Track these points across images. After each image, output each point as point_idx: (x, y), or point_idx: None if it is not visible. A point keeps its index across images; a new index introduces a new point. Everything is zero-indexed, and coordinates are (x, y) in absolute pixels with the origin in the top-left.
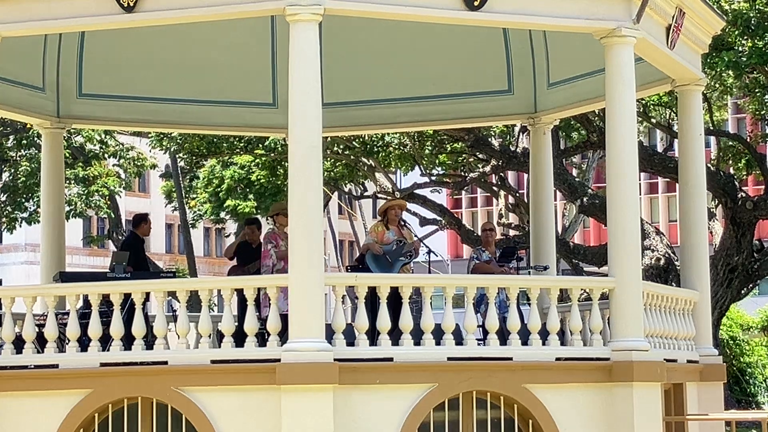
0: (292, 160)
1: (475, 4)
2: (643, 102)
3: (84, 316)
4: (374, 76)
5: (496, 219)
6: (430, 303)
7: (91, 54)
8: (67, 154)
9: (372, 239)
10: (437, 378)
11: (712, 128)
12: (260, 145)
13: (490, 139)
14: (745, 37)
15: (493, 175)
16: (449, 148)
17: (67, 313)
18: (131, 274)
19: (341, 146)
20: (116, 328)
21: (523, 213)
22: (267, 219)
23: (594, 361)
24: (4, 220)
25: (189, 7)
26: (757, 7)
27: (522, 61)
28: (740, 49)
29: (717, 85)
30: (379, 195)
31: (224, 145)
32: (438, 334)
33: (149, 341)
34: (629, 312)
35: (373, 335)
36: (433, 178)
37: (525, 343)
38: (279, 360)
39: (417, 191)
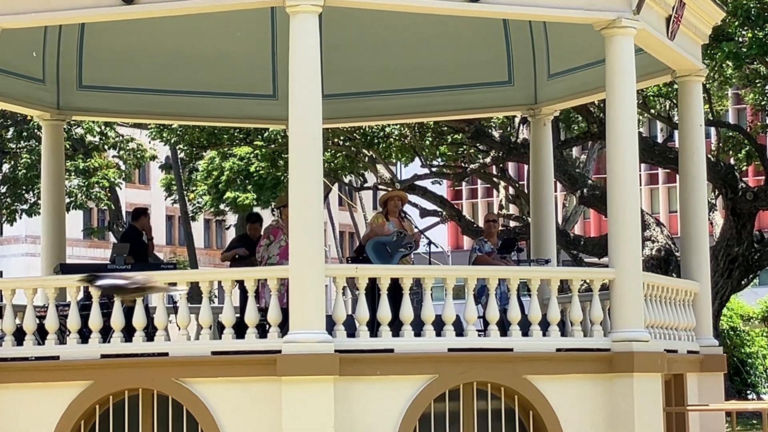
0: (293, 151)
1: None
2: (644, 93)
3: (84, 308)
4: (374, 68)
5: (497, 210)
6: (431, 294)
7: (91, 46)
8: (68, 146)
9: (372, 230)
10: (438, 369)
11: (712, 119)
12: (260, 137)
13: (490, 131)
14: (746, 28)
15: (494, 167)
16: (450, 140)
17: (68, 305)
18: (132, 265)
19: (341, 137)
20: (117, 320)
21: (523, 204)
22: (273, 211)
23: (594, 352)
24: (4, 212)
25: None
26: None
27: (522, 52)
28: (740, 39)
29: (717, 76)
30: (380, 186)
31: (224, 136)
32: (438, 325)
33: (150, 333)
34: (629, 303)
35: (373, 326)
36: (434, 169)
37: (525, 334)
38: (280, 351)
39: (417, 182)
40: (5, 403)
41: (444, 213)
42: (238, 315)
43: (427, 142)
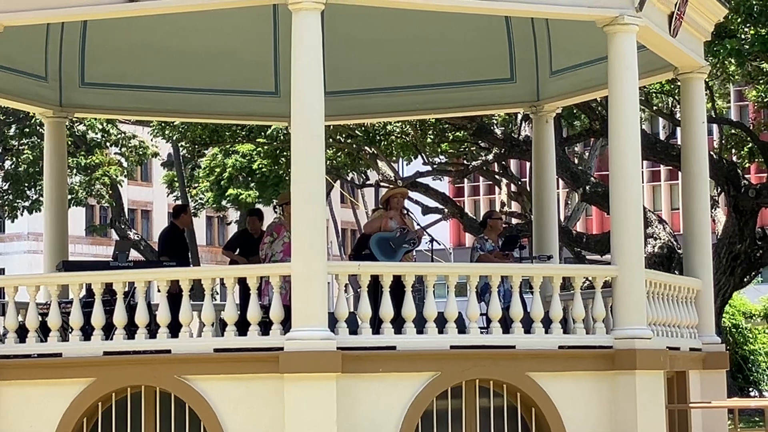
0: (295, 148)
1: None
2: (646, 90)
3: (87, 305)
4: (377, 65)
5: (499, 207)
6: (433, 291)
7: (94, 43)
8: (69, 143)
9: (375, 223)
10: (440, 366)
11: (714, 116)
12: (262, 134)
13: (492, 128)
14: (748, 25)
15: (496, 164)
16: (451, 137)
17: (70, 302)
18: (134, 263)
19: (344, 135)
20: (119, 317)
21: (525, 201)
22: (275, 209)
23: (597, 349)
24: (6, 208)
25: None
26: None
27: (524, 49)
28: (743, 36)
29: (720, 73)
30: (382, 183)
31: (226, 133)
32: (441, 322)
33: (152, 330)
34: (632, 300)
35: (375, 324)
36: (436, 166)
37: (528, 331)
38: (282, 348)
39: (419, 180)
40: (8, 401)
41: (446, 211)
42: (240, 312)
43: (429, 140)
